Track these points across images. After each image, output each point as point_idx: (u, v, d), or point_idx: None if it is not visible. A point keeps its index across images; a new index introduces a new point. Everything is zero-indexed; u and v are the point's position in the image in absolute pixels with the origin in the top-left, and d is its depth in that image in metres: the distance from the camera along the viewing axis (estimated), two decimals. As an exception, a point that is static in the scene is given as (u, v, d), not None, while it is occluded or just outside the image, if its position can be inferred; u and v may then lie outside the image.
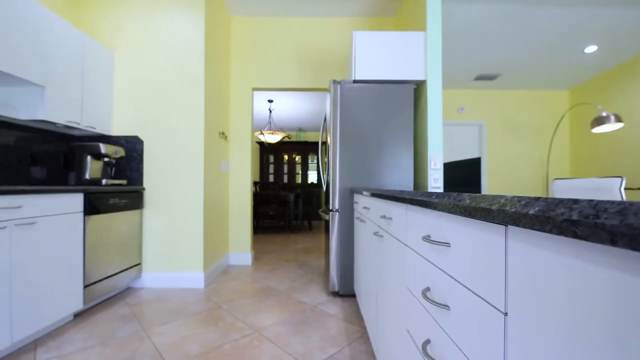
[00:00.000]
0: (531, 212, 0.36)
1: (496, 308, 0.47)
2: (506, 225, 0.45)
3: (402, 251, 0.99)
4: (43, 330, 1.75)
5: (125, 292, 2.45)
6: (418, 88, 2.47)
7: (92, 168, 2.30)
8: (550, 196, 0.38)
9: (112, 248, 2.21)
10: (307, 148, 8.10)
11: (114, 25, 2.64)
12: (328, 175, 2.45)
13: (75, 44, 2.22)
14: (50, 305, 1.72)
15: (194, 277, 2.57)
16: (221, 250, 3.08)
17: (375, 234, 1.33)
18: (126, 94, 2.62)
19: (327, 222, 2.54)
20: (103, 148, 2.26)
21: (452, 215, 0.65)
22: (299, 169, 8.17)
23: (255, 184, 5.98)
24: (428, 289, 0.77)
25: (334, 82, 2.33)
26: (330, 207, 2.35)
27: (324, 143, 2.72)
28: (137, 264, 2.51)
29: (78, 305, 1.92)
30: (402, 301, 0.98)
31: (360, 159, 2.31)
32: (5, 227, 1.47)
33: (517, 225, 0.39)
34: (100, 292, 2.11)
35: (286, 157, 8.12)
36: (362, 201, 1.83)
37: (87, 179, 2.27)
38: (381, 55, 2.35)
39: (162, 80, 2.62)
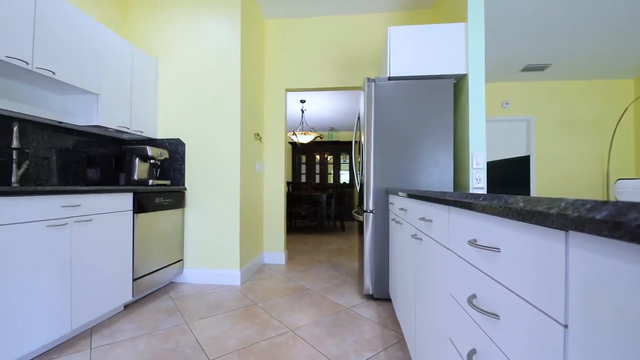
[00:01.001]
0: (598, 217, 0.32)
1: (555, 320, 0.43)
2: (567, 231, 0.41)
3: (443, 255, 0.93)
4: (98, 319, 1.90)
5: (169, 287, 2.60)
6: (458, 83, 2.34)
7: (139, 169, 2.47)
8: (612, 197, 0.34)
9: (157, 245, 2.35)
10: (339, 148, 8.06)
11: (158, 34, 2.81)
12: (362, 175, 2.41)
13: (125, 54, 2.39)
14: (104, 297, 1.87)
15: (231, 274, 2.66)
16: (256, 249, 3.16)
17: (414, 236, 1.27)
18: (169, 99, 2.78)
19: (360, 223, 2.49)
20: (149, 151, 2.41)
21: (502, 218, 0.60)
22: (330, 169, 8.16)
23: (287, 184, 6.07)
24: (474, 296, 0.72)
25: (368, 80, 2.28)
26: (365, 208, 2.30)
27: (358, 142, 2.68)
28: (179, 260, 2.65)
29: (127, 297, 2.07)
30: (443, 308, 0.92)
31: (395, 159, 2.24)
32: (67, 223, 1.62)
33: (581, 231, 0.35)
34: (147, 285, 2.26)
35: (318, 157, 8.16)
36: (399, 202, 1.76)
37: (135, 180, 2.45)
38: (418, 51, 2.25)
39: (201, 85, 2.75)
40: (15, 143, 1.78)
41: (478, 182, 2.09)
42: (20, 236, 1.39)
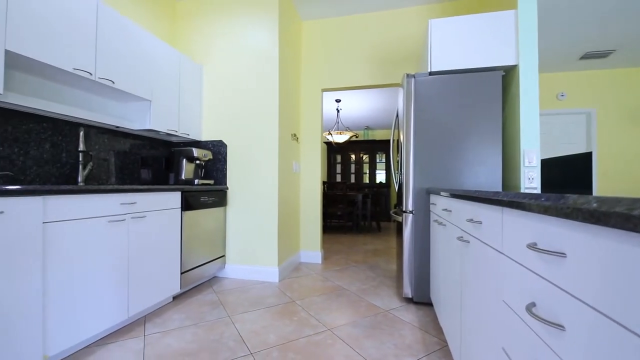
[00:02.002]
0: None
1: (635, 334, 0.38)
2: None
3: (495, 259, 0.87)
4: (150, 308, 2.06)
5: (212, 281, 2.73)
6: (507, 74, 2.18)
7: (186, 170, 2.62)
8: None
9: (202, 241, 2.49)
10: (375, 147, 7.93)
11: (202, 41, 2.97)
12: (401, 174, 2.34)
13: (174, 62, 2.56)
14: (155, 287, 2.01)
15: (269, 271, 2.73)
16: (293, 248, 3.21)
17: (460, 238, 1.21)
18: (212, 102, 2.93)
19: (399, 224, 2.43)
20: (195, 152, 2.56)
21: (569, 221, 0.54)
22: (366, 169, 8.06)
23: (322, 183, 6.09)
24: (533, 304, 0.66)
25: (408, 75, 2.21)
26: (404, 208, 2.23)
27: (396, 141, 2.61)
28: (221, 255, 2.78)
29: (176, 289, 2.21)
30: (495, 315, 0.86)
31: (437, 157, 2.14)
32: (124, 219, 1.77)
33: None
34: (193, 278, 2.39)
35: (353, 156, 8.09)
36: (441, 203, 1.69)
37: (183, 180, 2.61)
38: (461, 43, 2.14)
39: (242, 88, 2.85)
40: (81, 146, 1.98)
41: (531, 182, 1.93)
42: (86, 230, 1.55)
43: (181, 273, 2.25)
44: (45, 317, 1.37)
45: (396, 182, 2.55)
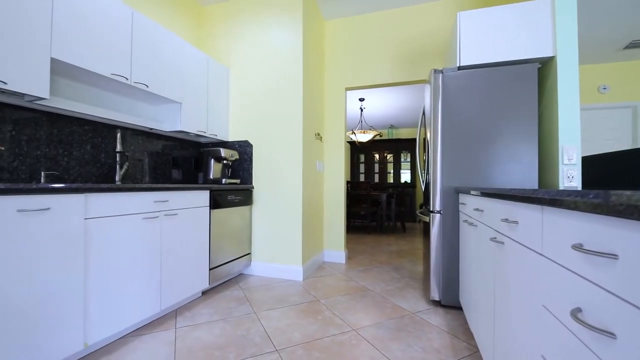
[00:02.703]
0: None
1: None
2: None
3: (534, 261, 0.82)
4: (181, 302, 2.14)
5: (238, 277, 2.80)
6: (543, 67, 2.06)
7: (214, 169, 2.71)
8: None
9: (229, 238, 2.55)
10: (400, 146, 7.77)
11: (229, 44, 3.05)
12: (427, 173, 2.28)
13: (202, 65, 2.65)
14: (186, 282, 2.09)
15: (293, 270, 2.75)
16: (317, 247, 3.22)
17: (493, 239, 1.15)
18: (239, 103, 3.00)
19: (426, 224, 2.36)
20: (223, 152, 2.63)
21: (621, 219, 0.50)
22: (390, 168, 7.92)
23: (346, 183, 6.06)
24: (579, 310, 0.61)
25: (435, 71, 2.14)
26: (431, 208, 2.17)
27: (423, 139, 2.54)
28: (247, 253, 2.84)
29: (205, 284, 2.28)
30: (534, 321, 0.81)
31: (466, 155, 2.06)
32: (158, 216, 1.85)
33: None
34: (220, 275, 2.46)
35: (377, 156, 7.98)
36: (472, 202, 1.62)
37: (211, 179, 2.69)
38: (493, 35, 2.04)
39: (267, 88, 2.90)
40: (118, 147, 2.09)
41: (570, 180, 1.80)
42: (123, 226, 1.64)
43: (210, 269, 2.32)
44: (86, 307, 1.46)
45: (422, 182, 2.49)
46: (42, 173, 1.75)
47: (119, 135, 2.10)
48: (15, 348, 1.19)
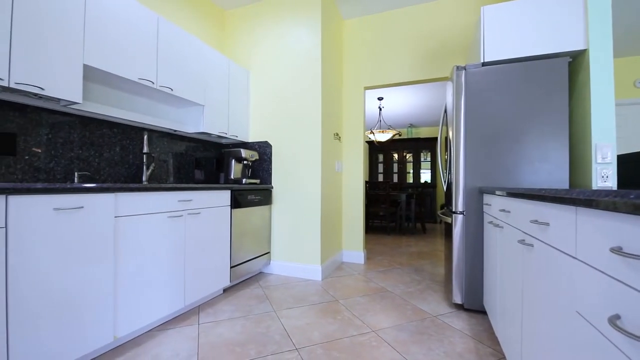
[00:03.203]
0: None
1: None
2: None
3: (567, 265, 0.78)
4: (203, 299, 2.20)
5: (258, 276, 2.84)
6: (574, 61, 1.96)
7: (235, 170, 2.76)
8: None
9: (249, 237, 2.60)
10: (420, 145, 7.63)
11: (248, 47, 3.11)
12: (449, 173, 2.22)
13: (223, 68, 2.71)
14: (208, 280, 2.15)
15: (312, 269, 2.76)
16: (335, 247, 3.21)
17: (521, 242, 1.10)
18: (258, 104, 3.05)
19: (448, 225, 2.30)
20: (243, 153, 2.68)
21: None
22: (410, 168, 7.78)
23: (365, 183, 6.01)
24: (617, 317, 0.58)
25: (458, 68, 2.09)
26: (453, 209, 2.11)
27: (444, 138, 2.48)
28: (267, 252, 2.87)
29: (226, 282, 2.33)
30: (567, 328, 0.77)
31: (491, 154, 1.99)
32: (182, 215, 1.91)
33: None
34: (241, 273, 2.51)
35: (396, 155, 7.87)
36: (497, 203, 1.56)
37: (232, 179, 2.75)
38: (518, 29, 1.96)
39: (286, 89, 2.93)
40: (145, 149, 2.18)
41: (604, 180, 1.70)
42: (149, 225, 1.70)
43: (231, 267, 2.37)
44: (115, 301, 1.53)
45: (444, 182, 2.43)
46: (76, 173, 1.85)
47: (145, 137, 2.19)
48: (51, 339, 1.26)
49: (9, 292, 1.13)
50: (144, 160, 2.22)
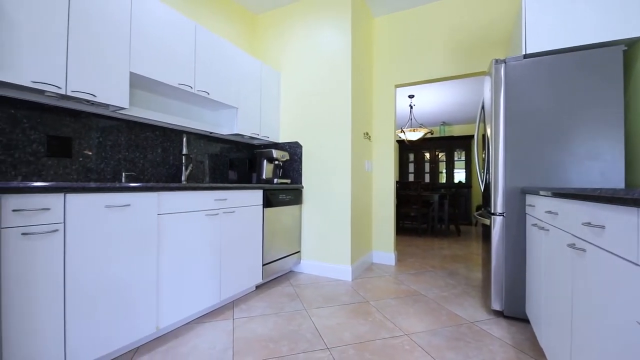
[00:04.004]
0: None
1: None
2: None
3: (626, 271, 0.71)
4: (237, 295, 2.27)
5: (289, 274, 2.89)
6: (630, 49, 1.78)
7: (267, 170, 2.83)
8: None
9: (280, 236, 2.65)
10: (453, 143, 7.33)
11: (279, 49, 3.17)
12: (487, 173, 2.11)
13: (255, 71, 2.79)
14: (242, 276, 2.22)
15: (342, 270, 2.75)
16: (365, 247, 3.18)
17: (571, 246, 1.02)
18: (289, 105, 3.10)
19: (485, 228, 2.19)
20: (275, 153, 2.74)
21: None
22: (442, 167, 7.51)
23: (395, 183, 5.88)
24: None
25: (496, 61, 1.98)
26: (492, 210, 2.01)
27: (482, 136, 2.36)
28: (297, 251, 2.91)
29: (258, 279, 2.39)
30: (625, 339, 0.70)
31: (533, 153, 1.87)
32: (218, 213, 1.99)
33: None
34: (272, 271, 2.56)
35: (428, 154, 7.63)
36: (543, 204, 1.46)
37: (263, 179, 2.82)
38: (564, 17, 1.82)
39: (316, 90, 2.95)
40: (184, 150, 2.30)
41: (670, 180, 1.53)
42: (188, 222, 1.79)
43: (263, 265, 2.43)
44: (158, 294, 1.62)
45: (481, 182, 2.31)
46: (123, 174, 1.99)
47: (184, 139, 2.30)
48: (101, 326, 1.37)
49: (66, 281, 1.25)
50: (183, 161, 2.34)
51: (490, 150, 2.02)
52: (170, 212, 1.68)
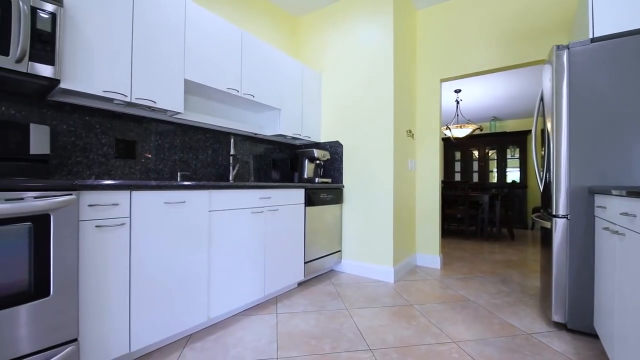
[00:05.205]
0: None
1: None
2: None
3: None
4: (280, 291, 2.34)
5: (330, 273, 2.90)
6: None
7: (308, 169, 2.88)
8: None
9: (321, 235, 2.67)
10: (506, 140, 6.79)
11: (319, 49, 3.20)
12: (548, 171, 1.92)
13: (297, 73, 2.84)
14: (285, 273, 2.28)
15: (384, 271, 2.70)
16: (408, 249, 3.08)
17: (654, 253, 0.89)
18: (329, 104, 3.11)
19: (545, 231, 2.00)
20: (316, 153, 2.77)
21: None
22: (492, 166, 6.99)
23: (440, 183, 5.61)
24: None
25: (558, 47, 1.79)
26: (553, 212, 1.82)
27: (540, 131, 2.15)
28: (338, 250, 2.91)
29: (300, 276, 2.44)
30: None
31: (603, 148, 1.66)
32: (262, 211, 2.07)
33: None
34: (314, 269, 2.60)
35: (476, 152, 7.16)
36: (617, 205, 1.29)
37: (305, 178, 2.87)
38: (647, -8, 1.59)
39: (357, 88, 2.93)
40: (232, 151, 2.42)
41: None
42: (236, 219, 1.89)
43: (304, 262, 2.47)
44: (209, 285, 1.73)
45: (540, 181, 2.11)
46: (179, 173, 2.16)
47: (232, 140, 2.43)
48: (161, 312, 1.50)
49: (131, 270, 1.38)
50: (231, 161, 2.47)
51: (551, 146, 1.84)
52: (219, 209, 1.79)
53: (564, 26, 2.51)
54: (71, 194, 1.17)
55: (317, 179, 2.79)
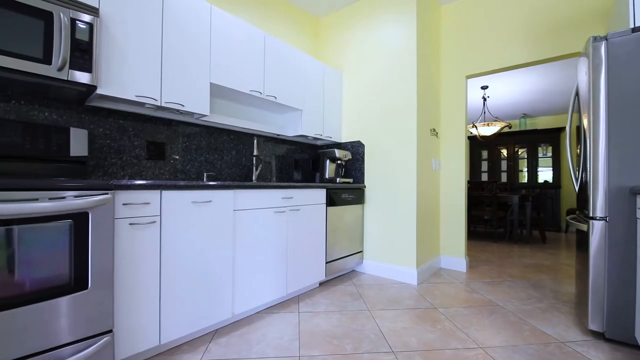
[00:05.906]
0: None
1: None
2: None
3: None
4: (302, 290, 2.36)
5: (351, 274, 2.89)
6: None
7: (329, 169, 2.88)
8: None
9: (342, 235, 2.67)
10: (537, 138, 6.45)
11: (341, 49, 3.20)
12: (584, 170, 1.81)
13: (318, 73, 2.86)
14: (306, 272, 2.30)
15: (407, 272, 2.65)
16: (432, 251, 3.00)
17: None
18: (351, 105, 3.10)
19: (582, 234, 1.89)
20: (337, 153, 2.77)
21: None
22: (522, 165, 6.67)
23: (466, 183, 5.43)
24: None
25: (595, 39, 1.68)
26: (590, 214, 1.72)
27: (575, 128, 2.03)
28: (359, 251, 2.90)
29: (322, 276, 2.45)
30: None
31: (649, 145, 1.54)
32: (284, 211, 2.10)
33: None
34: (335, 269, 2.60)
35: (505, 151, 6.86)
36: (662, 207, 1.20)
37: (326, 178, 2.87)
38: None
39: (378, 88, 2.90)
40: (255, 151, 2.48)
41: None
42: (259, 218, 1.93)
43: (326, 262, 2.48)
44: (234, 282, 1.78)
45: (575, 181, 2.00)
46: (205, 174, 2.23)
47: (255, 141, 2.48)
48: (188, 307, 1.56)
49: (162, 266, 1.45)
50: (254, 162, 2.52)
51: (588, 144, 1.73)
52: (243, 209, 1.83)
53: (599, 16, 2.35)
54: (107, 193, 1.24)
55: (338, 179, 2.79)
